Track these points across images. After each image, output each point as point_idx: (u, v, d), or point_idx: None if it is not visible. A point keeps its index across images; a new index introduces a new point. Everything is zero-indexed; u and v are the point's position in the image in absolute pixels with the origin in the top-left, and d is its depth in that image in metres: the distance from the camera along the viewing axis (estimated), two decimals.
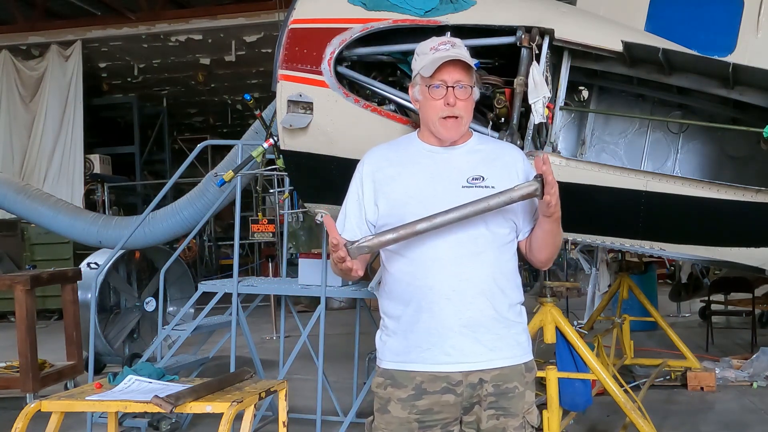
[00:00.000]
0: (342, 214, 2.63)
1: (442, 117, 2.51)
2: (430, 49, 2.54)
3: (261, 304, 7.24)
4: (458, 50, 2.52)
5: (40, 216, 7.90)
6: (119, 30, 14.21)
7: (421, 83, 2.54)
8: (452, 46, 2.53)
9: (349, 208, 2.61)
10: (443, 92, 2.49)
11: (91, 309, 6.56)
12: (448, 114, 2.50)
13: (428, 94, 2.51)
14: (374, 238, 2.41)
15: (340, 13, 3.97)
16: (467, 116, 2.54)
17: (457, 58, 2.48)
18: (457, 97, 2.49)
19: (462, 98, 2.50)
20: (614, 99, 4.51)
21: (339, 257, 2.38)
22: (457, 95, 2.49)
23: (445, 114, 2.50)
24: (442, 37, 2.71)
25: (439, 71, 2.48)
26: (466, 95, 2.51)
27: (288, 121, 3.97)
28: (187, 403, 3.03)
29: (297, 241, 11.32)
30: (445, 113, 2.50)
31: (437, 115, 2.51)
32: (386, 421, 2.52)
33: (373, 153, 2.66)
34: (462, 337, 2.46)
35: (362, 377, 6.18)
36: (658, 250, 4.09)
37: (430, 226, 2.39)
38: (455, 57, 2.48)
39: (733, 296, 9.59)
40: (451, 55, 2.49)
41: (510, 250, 2.58)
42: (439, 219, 2.39)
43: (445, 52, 2.50)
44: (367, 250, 2.42)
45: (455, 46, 2.53)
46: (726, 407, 6.29)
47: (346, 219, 2.60)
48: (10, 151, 14.54)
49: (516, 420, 2.52)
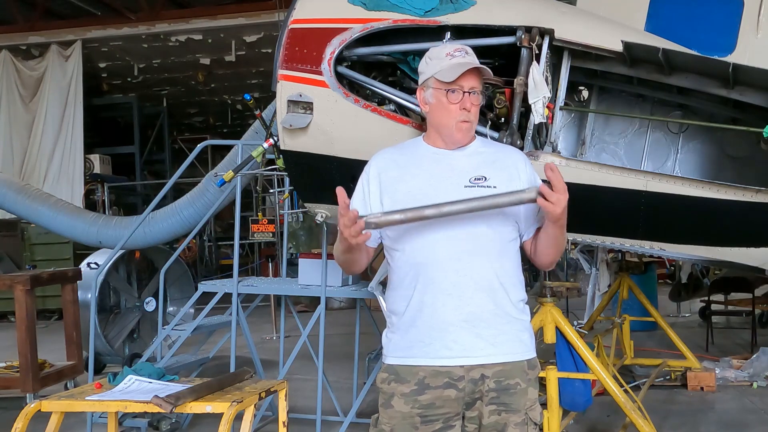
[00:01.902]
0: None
1: (460, 121, 2.57)
2: (446, 54, 2.60)
3: (261, 304, 7.24)
4: (472, 58, 2.60)
5: (40, 216, 7.90)
6: (119, 30, 14.22)
7: (436, 87, 2.59)
8: (466, 53, 2.60)
9: (354, 204, 2.62)
10: (460, 97, 2.56)
11: (91, 309, 6.56)
12: (464, 119, 2.57)
13: (445, 99, 2.57)
14: (382, 216, 2.43)
15: (340, 13, 3.97)
16: (476, 121, 2.63)
17: (477, 66, 2.56)
18: (472, 103, 2.58)
19: (476, 104, 2.59)
20: (614, 99, 4.51)
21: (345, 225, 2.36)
22: (471, 101, 2.57)
23: (462, 118, 2.57)
24: (453, 42, 2.77)
25: (458, 78, 2.55)
26: (478, 101, 2.61)
27: (288, 121, 3.97)
28: (187, 403, 3.03)
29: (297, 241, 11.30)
30: (462, 117, 2.57)
31: (454, 120, 2.58)
32: (389, 416, 2.55)
33: (380, 155, 2.70)
34: (463, 331, 2.49)
35: (362, 377, 6.18)
36: (658, 250, 4.09)
37: (437, 213, 2.43)
38: (476, 64, 2.56)
39: (733, 296, 9.58)
40: (468, 62, 2.56)
41: (512, 248, 2.61)
42: (447, 208, 2.43)
43: (463, 59, 2.57)
44: (374, 226, 2.44)
45: (469, 54, 2.61)
46: (726, 407, 6.29)
47: None
48: (10, 151, 14.54)
49: (517, 416, 2.54)
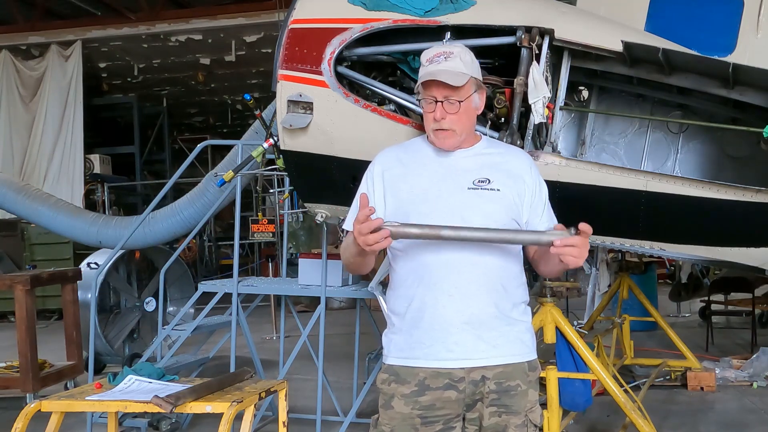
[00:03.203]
0: (353, 213, 2.61)
1: (434, 129, 2.56)
2: (426, 60, 2.57)
3: (261, 304, 7.24)
4: (450, 63, 2.52)
5: (40, 216, 7.89)
6: (119, 30, 14.21)
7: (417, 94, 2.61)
8: (446, 58, 2.53)
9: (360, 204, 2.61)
10: (433, 107, 2.53)
11: (91, 309, 6.55)
12: (437, 128, 2.55)
13: (424, 107, 2.58)
14: (400, 226, 2.40)
15: (340, 13, 3.97)
16: (459, 128, 2.55)
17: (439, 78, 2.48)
18: (447, 111, 2.52)
19: (451, 112, 2.52)
20: (614, 99, 4.51)
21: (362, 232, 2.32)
22: (446, 109, 2.52)
23: (436, 127, 2.55)
24: (442, 45, 2.73)
25: (428, 87, 2.52)
26: (454, 110, 2.52)
27: (288, 121, 3.97)
28: (187, 403, 3.03)
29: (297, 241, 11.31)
30: (435, 126, 2.55)
31: (430, 128, 2.57)
32: (389, 417, 2.54)
33: (384, 154, 2.69)
34: (464, 333, 2.48)
35: (362, 377, 6.18)
36: (658, 250, 4.08)
37: (453, 236, 2.40)
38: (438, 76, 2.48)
39: (733, 296, 9.59)
40: (436, 71, 2.50)
41: (515, 250, 2.60)
42: (464, 233, 2.40)
43: (435, 67, 2.52)
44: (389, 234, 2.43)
45: (449, 58, 2.53)
46: (726, 407, 6.29)
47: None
48: (10, 151, 14.53)
49: (518, 418, 2.54)
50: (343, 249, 2.62)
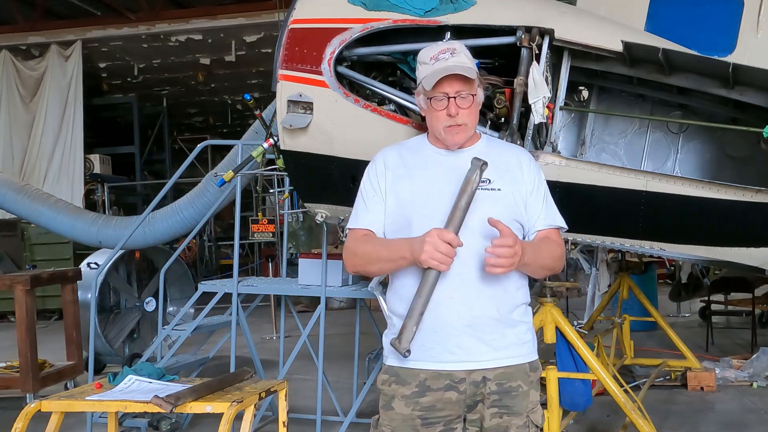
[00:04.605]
0: (363, 211, 2.59)
1: (447, 126, 2.53)
2: (430, 58, 2.55)
3: (261, 304, 7.24)
4: (457, 58, 2.53)
5: (40, 216, 7.90)
6: (119, 30, 14.21)
7: (423, 94, 2.57)
8: (452, 54, 2.53)
9: (371, 203, 2.59)
10: (445, 103, 2.51)
11: (91, 309, 6.56)
12: (451, 123, 2.53)
13: (431, 106, 2.54)
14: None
15: (340, 13, 3.97)
16: (471, 122, 2.56)
17: (455, 72, 2.48)
18: (459, 107, 2.51)
19: (464, 107, 2.52)
20: (614, 99, 4.51)
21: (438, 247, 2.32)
22: (459, 104, 2.51)
23: (449, 124, 2.53)
24: (442, 43, 2.72)
25: (439, 83, 2.50)
26: (467, 104, 2.53)
27: (288, 121, 3.97)
28: (187, 403, 3.03)
29: (297, 241, 11.33)
30: (448, 123, 2.53)
31: (442, 125, 2.54)
32: (390, 418, 2.54)
33: (386, 151, 2.67)
34: (466, 336, 2.47)
35: (362, 377, 6.18)
36: (658, 250, 4.08)
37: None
38: (453, 70, 2.49)
39: (733, 296, 9.59)
40: (450, 66, 2.49)
41: None
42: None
43: (445, 63, 2.51)
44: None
45: (455, 54, 2.53)
46: (726, 407, 6.29)
47: (369, 213, 2.58)
48: (10, 151, 14.54)
49: (519, 419, 2.54)
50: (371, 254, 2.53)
